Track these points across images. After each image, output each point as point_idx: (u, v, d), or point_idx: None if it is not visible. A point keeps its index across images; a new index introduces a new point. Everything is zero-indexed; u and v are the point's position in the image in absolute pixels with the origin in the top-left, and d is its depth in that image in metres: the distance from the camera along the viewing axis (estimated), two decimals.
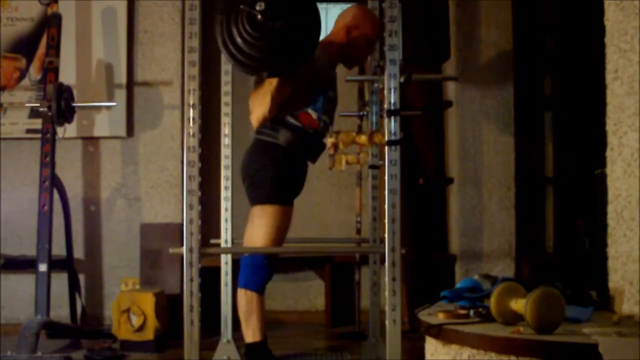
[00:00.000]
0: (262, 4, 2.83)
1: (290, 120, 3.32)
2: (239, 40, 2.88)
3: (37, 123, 4.38)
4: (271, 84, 3.14)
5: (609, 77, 2.84)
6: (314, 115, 3.35)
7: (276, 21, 2.85)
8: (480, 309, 2.67)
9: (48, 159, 4.09)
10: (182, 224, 2.76)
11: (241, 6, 2.86)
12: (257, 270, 3.28)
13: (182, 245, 2.74)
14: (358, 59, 3.64)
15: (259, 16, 2.84)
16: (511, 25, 4.69)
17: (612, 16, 2.83)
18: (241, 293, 3.30)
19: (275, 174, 3.29)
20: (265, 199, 3.29)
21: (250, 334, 3.30)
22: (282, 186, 3.32)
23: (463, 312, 2.70)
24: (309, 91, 3.32)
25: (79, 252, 4.71)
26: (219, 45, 2.93)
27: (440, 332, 2.59)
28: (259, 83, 3.24)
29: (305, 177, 3.46)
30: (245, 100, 3.34)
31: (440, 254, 4.83)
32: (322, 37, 3.17)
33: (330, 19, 5.39)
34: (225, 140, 3.75)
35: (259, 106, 3.20)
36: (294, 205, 3.39)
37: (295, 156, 3.36)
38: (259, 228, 3.30)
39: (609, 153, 2.84)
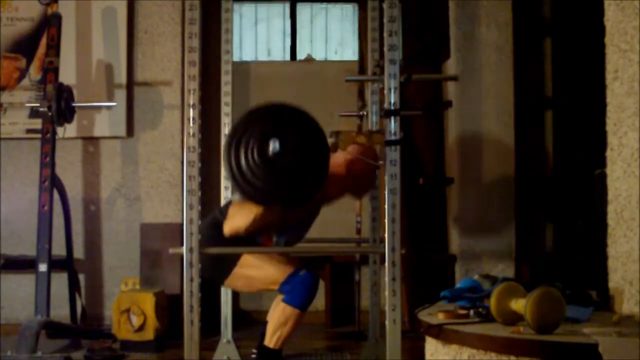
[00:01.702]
0: (278, 144, 2.79)
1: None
2: (244, 167, 2.83)
3: (37, 123, 4.37)
4: (259, 206, 3.06)
5: (609, 77, 2.84)
6: (273, 239, 3.32)
7: (287, 158, 2.82)
8: (480, 309, 2.68)
9: (48, 159, 4.09)
10: (182, 224, 2.76)
11: (251, 141, 2.82)
12: (301, 287, 3.19)
13: (182, 245, 2.74)
14: (365, 191, 3.57)
15: (271, 153, 2.81)
16: (511, 25, 4.69)
17: (612, 16, 2.84)
18: (281, 305, 3.20)
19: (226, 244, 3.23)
20: (230, 266, 3.22)
21: (274, 340, 3.23)
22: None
23: (463, 312, 2.71)
24: (289, 223, 3.28)
25: (79, 252, 4.71)
26: (227, 173, 2.90)
27: (440, 332, 2.59)
28: None
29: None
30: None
31: (440, 254, 4.82)
32: None
33: (330, 19, 5.39)
34: None
35: (238, 220, 3.15)
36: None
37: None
38: (257, 274, 3.22)
39: (609, 153, 2.84)
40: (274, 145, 2.79)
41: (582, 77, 4.55)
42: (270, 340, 3.23)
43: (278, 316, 3.20)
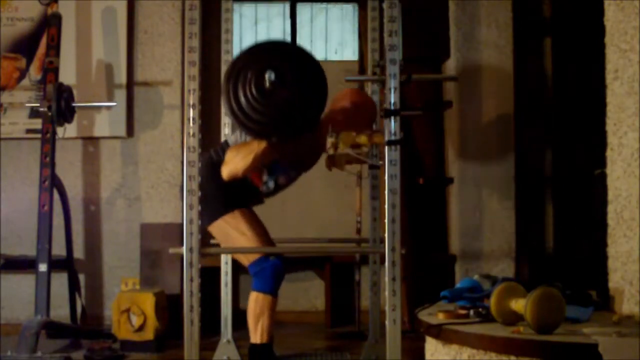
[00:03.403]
0: (273, 75, 2.82)
1: None
2: (243, 101, 2.86)
3: (37, 123, 4.38)
4: (259, 145, 3.09)
5: (609, 77, 2.84)
6: (264, 179, 3.33)
7: (284, 90, 2.84)
8: (480, 309, 2.68)
9: (48, 159, 4.10)
10: (182, 224, 2.76)
11: (249, 75, 2.85)
12: (269, 272, 3.24)
13: (182, 245, 2.74)
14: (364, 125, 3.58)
15: (267, 83, 2.83)
16: (511, 25, 4.69)
17: (612, 16, 2.84)
18: (253, 295, 3.26)
19: (220, 186, 3.24)
20: (219, 212, 3.24)
21: (258, 335, 3.27)
22: (230, 195, 3.27)
23: (463, 312, 2.71)
24: (283, 161, 3.30)
25: (79, 252, 4.71)
26: (224, 103, 2.92)
27: (440, 332, 2.59)
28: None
29: (254, 196, 3.42)
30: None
31: (440, 254, 4.82)
32: None
33: (330, 19, 5.39)
34: None
35: (237, 162, 3.16)
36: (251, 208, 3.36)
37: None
38: (240, 237, 3.24)
39: (609, 153, 2.84)
40: (269, 76, 2.80)
41: (582, 77, 4.55)
42: (255, 336, 3.28)
43: (253, 308, 3.25)
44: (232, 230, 3.26)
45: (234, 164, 3.18)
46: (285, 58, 2.91)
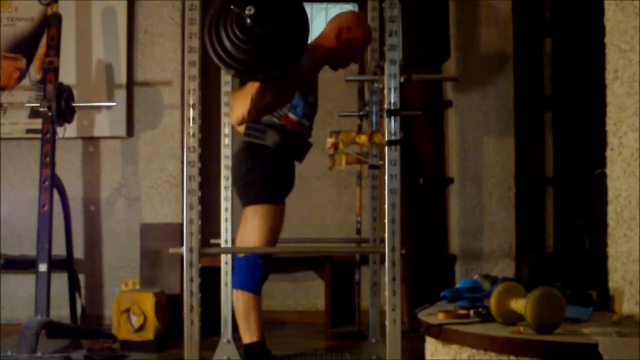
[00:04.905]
0: (252, 9, 2.81)
1: (275, 121, 3.33)
2: (227, 44, 2.86)
3: (37, 123, 4.38)
4: (253, 86, 3.13)
5: (609, 77, 2.84)
6: (294, 118, 3.36)
7: (265, 26, 2.82)
8: (480, 309, 2.68)
9: (48, 159, 4.09)
10: (182, 224, 2.76)
11: (232, 6, 2.84)
12: (253, 270, 3.28)
13: (182, 245, 2.74)
14: (343, 63, 3.62)
15: (248, 20, 2.82)
16: (511, 25, 4.69)
17: (612, 16, 2.84)
18: (237, 294, 3.30)
19: (265, 174, 3.31)
20: (258, 199, 3.30)
21: (248, 335, 3.30)
22: (273, 185, 3.33)
23: (463, 312, 2.71)
24: (290, 95, 3.32)
25: (79, 252, 4.71)
26: (207, 49, 2.91)
27: (440, 332, 2.59)
28: (243, 83, 3.25)
29: (294, 176, 3.48)
30: None
31: (440, 254, 4.82)
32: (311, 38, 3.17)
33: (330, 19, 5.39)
34: (225, 140, 3.74)
35: (239, 107, 3.22)
36: (285, 204, 3.40)
37: (283, 156, 3.37)
38: (253, 229, 3.30)
39: (609, 153, 2.84)
40: (249, 11, 2.77)
41: (582, 77, 4.55)
42: (245, 336, 3.32)
43: (241, 310, 3.29)
44: (256, 221, 3.30)
45: (236, 111, 3.25)
46: None
